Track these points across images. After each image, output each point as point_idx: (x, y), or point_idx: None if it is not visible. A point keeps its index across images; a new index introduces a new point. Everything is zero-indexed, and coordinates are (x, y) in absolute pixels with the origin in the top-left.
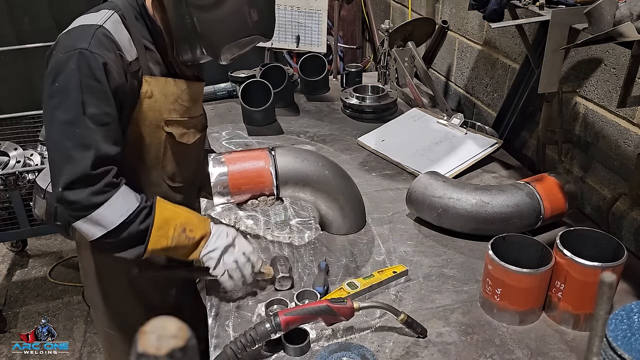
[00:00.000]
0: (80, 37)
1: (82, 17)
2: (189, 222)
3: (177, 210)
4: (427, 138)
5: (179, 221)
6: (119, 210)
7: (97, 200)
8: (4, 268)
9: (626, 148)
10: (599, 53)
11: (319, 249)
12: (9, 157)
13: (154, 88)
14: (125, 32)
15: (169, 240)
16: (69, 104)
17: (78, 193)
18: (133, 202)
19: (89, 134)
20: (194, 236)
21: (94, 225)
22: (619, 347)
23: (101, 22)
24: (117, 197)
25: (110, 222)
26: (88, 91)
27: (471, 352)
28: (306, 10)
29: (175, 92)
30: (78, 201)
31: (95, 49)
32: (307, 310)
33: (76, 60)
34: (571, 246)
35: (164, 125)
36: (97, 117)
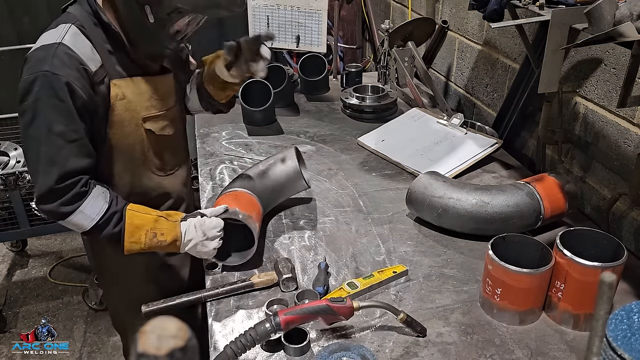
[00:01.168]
0: (42, 58)
1: (44, 35)
2: (159, 227)
3: (147, 217)
4: (427, 138)
5: (149, 227)
6: (88, 217)
7: (66, 210)
8: (4, 268)
9: (626, 148)
10: (599, 53)
11: (319, 249)
12: (9, 157)
13: (125, 90)
14: (87, 42)
15: (141, 245)
16: (36, 123)
17: (48, 205)
18: (101, 207)
19: (54, 151)
20: (165, 239)
21: (73, 226)
22: (619, 347)
23: (60, 39)
24: (85, 205)
25: (83, 226)
26: (53, 110)
27: (471, 352)
28: (306, 10)
29: (148, 89)
30: (50, 211)
31: (57, 70)
32: (307, 309)
33: (40, 82)
34: (571, 246)
35: (142, 123)
36: (65, 135)
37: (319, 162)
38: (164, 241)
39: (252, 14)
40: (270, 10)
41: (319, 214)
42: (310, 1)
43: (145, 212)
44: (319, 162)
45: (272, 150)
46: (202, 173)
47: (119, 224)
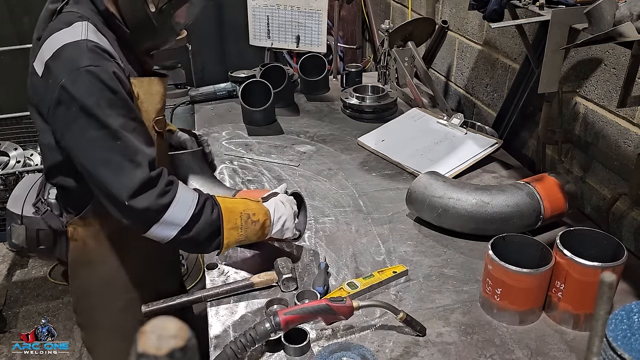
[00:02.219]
0: (77, 56)
1: (56, 35)
2: (249, 207)
3: (233, 200)
4: (427, 138)
5: (242, 209)
6: (186, 205)
7: (165, 201)
8: (4, 268)
9: (626, 148)
10: (599, 53)
11: (319, 249)
12: (9, 157)
13: (139, 89)
14: (105, 40)
15: (239, 231)
16: (96, 124)
17: (145, 199)
18: (193, 194)
19: (129, 143)
20: (258, 219)
21: (168, 227)
22: (619, 347)
23: (85, 36)
24: (180, 192)
25: (182, 219)
26: (109, 105)
27: (471, 352)
28: (306, 10)
29: (160, 90)
30: (148, 207)
31: (99, 62)
32: (307, 309)
33: (85, 78)
34: (571, 246)
35: (154, 126)
36: (127, 126)
37: (319, 162)
38: (257, 221)
39: (252, 14)
40: (270, 10)
41: (319, 214)
42: (310, 1)
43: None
44: (319, 162)
45: (272, 150)
46: None
47: (215, 209)
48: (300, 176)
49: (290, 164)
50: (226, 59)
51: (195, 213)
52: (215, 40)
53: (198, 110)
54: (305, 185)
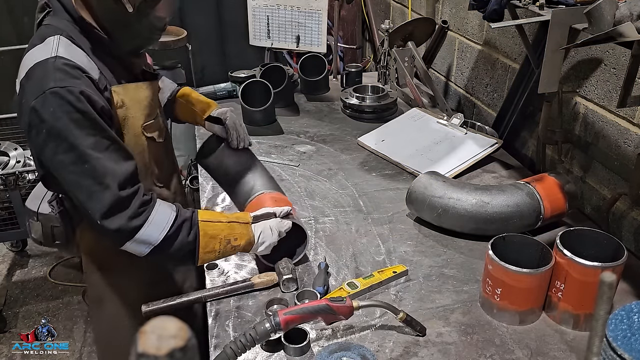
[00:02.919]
0: (44, 77)
1: (31, 53)
2: (232, 232)
3: (220, 225)
4: (427, 138)
5: (223, 235)
6: (159, 227)
7: (137, 223)
8: (4, 268)
9: (626, 148)
10: (599, 53)
11: (319, 249)
12: (9, 157)
13: (124, 97)
14: (80, 52)
15: (215, 254)
16: (65, 146)
17: (116, 220)
18: (170, 214)
19: (99, 164)
20: (239, 244)
21: (140, 245)
22: (619, 347)
23: (54, 52)
24: (155, 213)
25: (154, 239)
26: (77, 126)
27: (471, 352)
28: (306, 10)
29: (147, 94)
30: (119, 228)
31: (65, 82)
32: (307, 309)
33: (51, 102)
34: (571, 246)
35: (143, 131)
36: (97, 145)
37: (319, 162)
38: (238, 246)
39: (252, 14)
40: (270, 10)
41: (319, 214)
42: (310, 1)
43: (217, 219)
44: (319, 162)
45: (272, 150)
46: (202, 173)
47: (191, 231)
48: (300, 176)
49: (290, 164)
50: (226, 59)
51: (169, 235)
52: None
53: None
54: (305, 185)
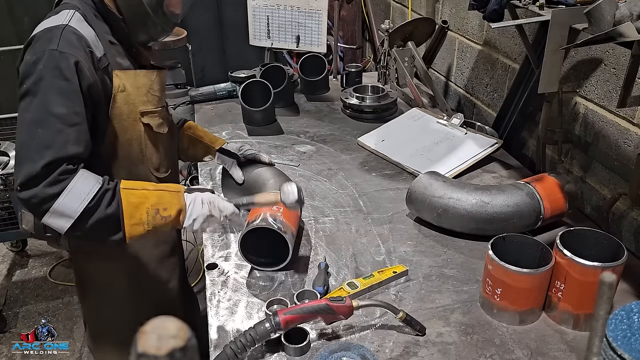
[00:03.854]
0: (48, 39)
1: (43, 22)
2: (161, 201)
3: (145, 193)
4: (427, 138)
5: (150, 203)
6: (79, 196)
7: (53, 190)
8: (4, 268)
9: (626, 148)
10: (599, 53)
11: (319, 249)
12: (9, 157)
13: (125, 82)
14: (90, 30)
15: (144, 226)
16: (36, 105)
17: (31, 190)
18: (93, 185)
19: (52, 135)
20: (169, 214)
21: (60, 217)
22: (619, 347)
23: (66, 22)
24: (75, 182)
25: (73, 210)
26: (56, 91)
27: (471, 352)
28: (306, 10)
29: (147, 83)
30: (33, 196)
31: (65, 49)
32: (307, 309)
33: (44, 61)
34: (571, 246)
35: (140, 117)
36: (65, 117)
37: (319, 162)
38: (168, 217)
39: (252, 14)
40: (270, 10)
41: (319, 214)
42: (310, 1)
43: (142, 187)
44: (319, 162)
45: (272, 150)
46: (202, 173)
47: (111, 204)
48: (300, 176)
49: (290, 164)
50: (226, 59)
51: (90, 206)
52: (215, 40)
53: (198, 110)
54: (305, 185)
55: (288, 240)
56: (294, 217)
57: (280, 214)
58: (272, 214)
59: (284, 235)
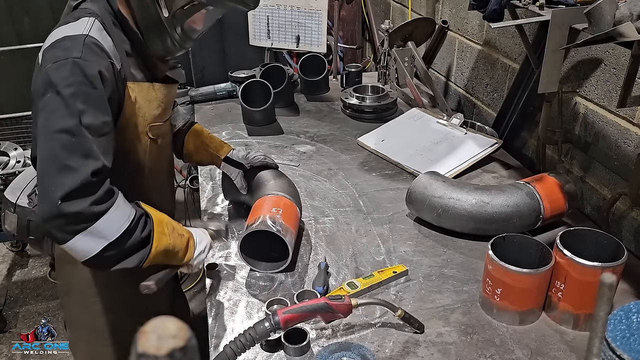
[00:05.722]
0: (71, 48)
1: (62, 28)
2: (172, 222)
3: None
4: (427, 138)
5: (166, 219)
6: (121, 219)
7: (99, 209)
8: (4, 268)
9: (626, 148)
10: (599, 53)
11: (319, 249)
12: (9, 157)
13: (137, 94)
14: (109, 39)
15: (168, 237)
16: (63, 113)
17: (78, 204)
18: (131, 209)
19: (86, 143)
20: (182, 234)
21: (94, 239)
22: (618, 347)
23: (87, 31)
24: (118, 205)
25: (112, 232)
26: (85, 100)
27: (471, 352)
28: (306, 10)
29: (158, 97)
30: (80, 212)
31: (89, 57)
32: (306, 307)
33: (70, 68)
34: (571, 246)
35: (147, 131)
36: (95, 128)
37: (319, 162)
38: (182, 235)
39: (252, 14)
40: (270, 10)
41: (319, 214)
42: (310, 1)
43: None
44: (319, 162)
45: (272, 150)
46: (202, 173)
47: (146, 227)
48: (300, 176)
49: (290, 164)
50: (226, 59)
51: (129, 229)
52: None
53: (198, 110)
54: (305, 185)
55: (287, 243)
56: (294, 218)
57: (280, 216)
58: (272, 216)
59: (284, 238)
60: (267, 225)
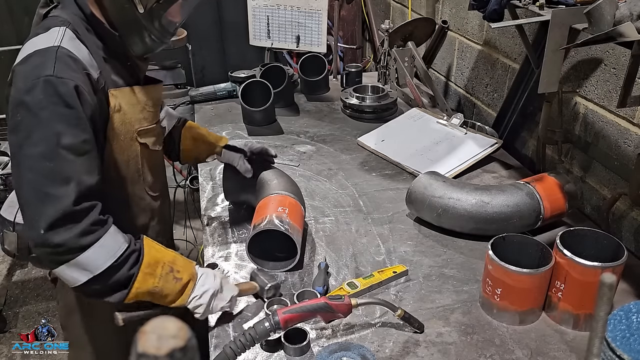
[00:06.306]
0: (41, 65)
1: (33, 40)
2: (176, 263)
3: (164, 250)
4: (427, 138)
5: (167, 260)
6: (107, 253)
7: (85, 241)
8: (4, 268)
9: (626, 148)
10: (599, 53)
11: (319, 249)
12: (9, 157)
13: (121, 100)
14: (83, 47)
15: (156, 280)
16: (39, 137)
17: (63, 234)
18: (121, 243)
19: (67, 167)
20: (181, 277)
21: (79, 270)
22: (618, 347)
23: (58, 42)
24: (106, 238)
25: (97, 267)
26: (61, 120)
27: (471, 352)
28: (306, 10)
29: (142, 99)
30: (64, 243)
31: (63, 73)
32: (306, 307)
33: (42, 88)
34: (571, 246)
35: (137, 137)
36: (75, 147)
37: (319, 162)
38: (180, 279)
39: (252, 14)
40: (270, 10)
41: (319, 214)
42: (310, 1)
43: (160, 245)
44: (319, 162)
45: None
46: (202, 173)
47: (134, 265)
48: (300, 176)
49: (290, 164)
50: (226, 59)
51: (115, 264)
52: (215, 40)
53: (198, 110)
54: (305, 185)
55: (295, 241)
56: (300, 217)
57: (286, 215)
58: (278, 216)
59: (292, 237)
60: (275, 224)
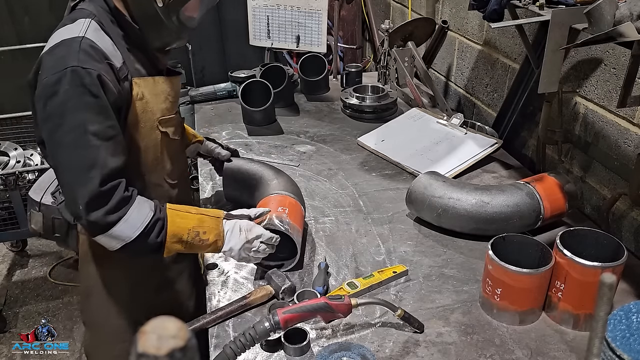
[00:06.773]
0: (67, 54)
1: (60, 31)
2: (201, 225)
3: (189, 215)
4: (427, 138)
5: (192, 225)
6: (134, 225)
7: (112, 219)
8: (4, 268)
9: (626, 148)
10: (599, 53)
11: (319, 249)
12: (9, 157)
13: (144, 89)
14: (107, 38)
15: (182, 246)
16: (68, 126)
17: (94, 214)
18: (147, 213)
19: (94, 152)
20: (207, 238)
21: (113, 239)
22: (618, 347)
23: (82, 33)
24: (132, 212)
25: (127, 236)
26: (86, 109)
27: (471, 352)
28: (306, 10)
29: (165, 89)
30: (96, 221)
31: (86, 64)
32: (306, 307)
33: (68, 79)
34: (571, 246)
35: (158, 125)
36: (101, 133)
37: (319, 162)
38: (207, 240)
39: (252, 14)
40: (270, 10)
41: (319, 214)
42: (310, 1)
43: (186, 210)
44: (319, 162)
45: (272, 150)
46: (202, 173)
47: (161, 233)
48: (300, 176)
49: (290, 164)
50: (226, 59)
51: (143, 233)
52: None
53: (198, 110)
54: (305, 185)
55: (296, 241)
56: (300, 217)
57: (286, 215)
58: (278, 216)
59: (293, 237)
60: (275, 224)
